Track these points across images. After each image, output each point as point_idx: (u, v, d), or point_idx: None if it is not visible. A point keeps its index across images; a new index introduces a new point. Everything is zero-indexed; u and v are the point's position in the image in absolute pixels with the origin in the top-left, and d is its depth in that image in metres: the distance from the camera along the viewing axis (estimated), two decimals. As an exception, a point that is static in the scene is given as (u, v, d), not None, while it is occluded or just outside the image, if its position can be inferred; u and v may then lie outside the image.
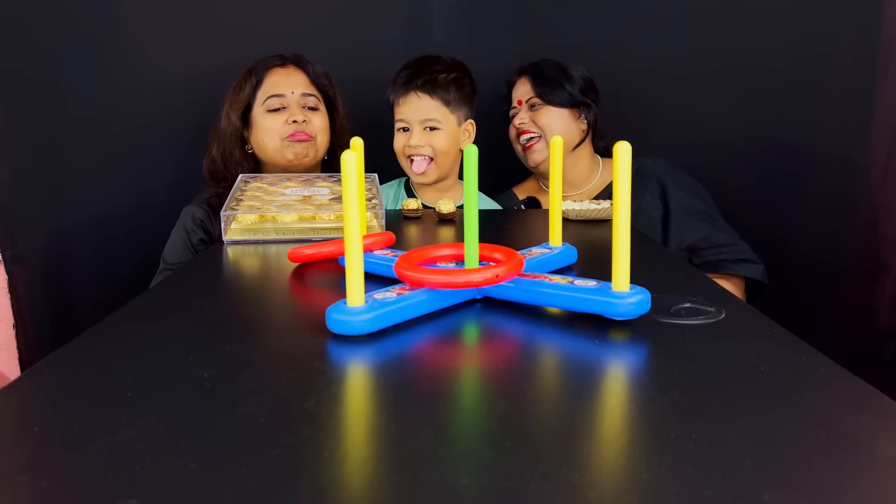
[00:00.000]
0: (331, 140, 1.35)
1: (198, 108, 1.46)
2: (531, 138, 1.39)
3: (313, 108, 1.31)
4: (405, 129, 1.30)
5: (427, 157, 1.29)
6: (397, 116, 1.31)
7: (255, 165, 1.34)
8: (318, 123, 1.30)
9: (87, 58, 1.46)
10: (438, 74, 1.28)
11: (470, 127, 1.33)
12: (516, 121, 1.40)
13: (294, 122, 1.26)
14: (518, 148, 1.42)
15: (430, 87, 1.27)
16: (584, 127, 1.41)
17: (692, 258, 1.32)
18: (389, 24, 1.52)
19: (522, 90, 1.41)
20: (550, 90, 1.38)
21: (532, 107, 1.39)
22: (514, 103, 1.43)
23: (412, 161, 1.30)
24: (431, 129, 1.28)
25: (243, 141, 1.32)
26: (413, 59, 1.33)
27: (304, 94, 1.30)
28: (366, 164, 0.80)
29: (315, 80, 1.33)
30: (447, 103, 1.28)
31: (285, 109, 1.28)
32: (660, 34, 1.52)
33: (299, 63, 1.32)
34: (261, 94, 1.29)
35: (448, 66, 1.31)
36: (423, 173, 1.30)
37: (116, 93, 1.47)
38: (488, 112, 1.45)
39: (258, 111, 1.29)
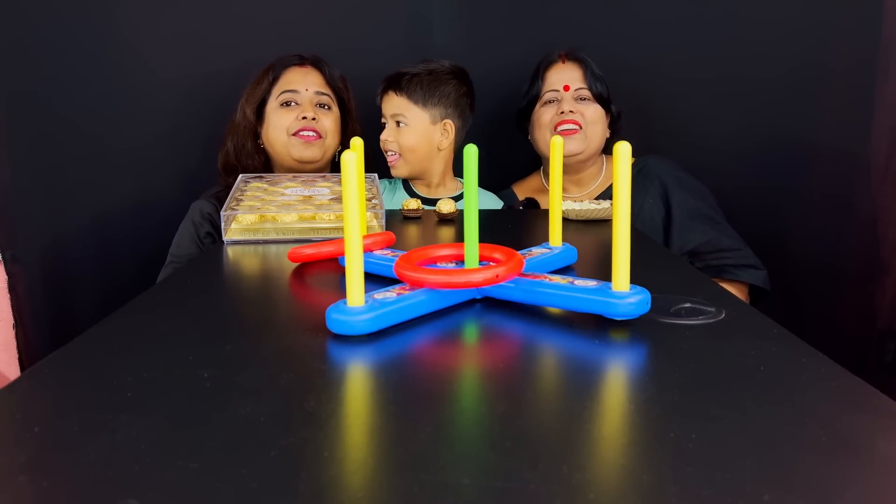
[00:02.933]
0: (342, 143, 1.37)
1: (199, 107, 1.47)
2: (574, 129, 1.33)
3: (326, 108, 1.33)
4: (385, 125, 1.35)
5: (396, 153, 1.33)
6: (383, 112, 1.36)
7: (266, 161, 1.35)
8: (329, 123, 1.32)
9: (89, 56, 1.46)
10: (408, 74, 1.31)
11: (448, 127, 1.33)
12: (565, 106, 1.33)
13: (304, 118, 1.28)
14: (545, 132, 1.36)
15: (397, 85, 1.31)
16: (608, 134, 1.40)
17: (694, 262, 1.30)
18: (389, 24, 1.52)
19: (571, 76, 1.36)
20: (602, 87, 1.36)
21: (579, 98, 1.35)
22: (558, 87, 1.35)
23: (386, 155, 1.35)
24: (399, 124, 1.32)
25: (256, 135, 1.34)
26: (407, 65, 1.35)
27: (318, 93, 1.32)
28: (366, 163, 0.80)
29: (330, 82, 1.35)
30: (414, 101, 1.31)
31: (297, 106, 1.30)
32: (660, 33, 1.52)
33: (316, 64, 1.35)
34: (275, 90, 1.31)
35: (432, 69, 1.32)
36: (392, 167, 1.35)
37: (117, 92, 1.47)
38: (489, 111, 1.45)
39: (272, 106, 1.31)
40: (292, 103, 1.30)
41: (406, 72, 1.32)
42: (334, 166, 1.38)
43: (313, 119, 1.29)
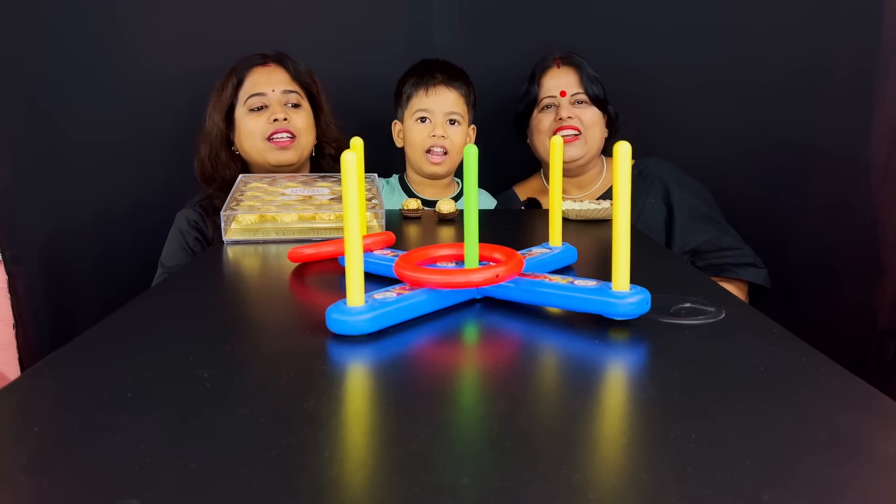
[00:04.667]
0: (317, 137, 1.34)
1: (198, 107, 1.46)
2: (574, 135, 1.34)
3: (295, 106, 1.29)
4: (424, 120, 1.32)
5: (443, 150, 1.32)
6: (419, 107, 1.32)
7: (243, 166, 1.33)
8: (301, 122, 1.29)
9: (88, 57, 1.46)
10: (462, 74, 1.33)
11: (472, 132, 1.37)
12: (563, 112, 1.34)
13: (275, 120, 1.25)
14: (543, 138, 1.37)
15: (458, 83, 1.32)
16: (606, 134, 1.41)
17: (695, 261, 1.31)
18: (389, 24, 1.52)
19: (567, 81, 1.36)
20: (599, 89, 1.36)
21: (577, 102, 1.35)
22: (555, 93, 1.36)
23: (430, 152, 1.32)
24: (452, 122, 1.31)
25: (229, 142, 1.31)
26: (431, 59, 1.35)
27: (286, 92, 1.28)
28: (365, 163, 0.80)
29: (297, 78, 1.31)
30: (467, 103, 1.33)
31: (267, 109, 1.27)
32: (660, 34, 1.52)
33: (280, 61, 1.31)
34: (242, 94, 1.28)
35: (462, 71, 1.35)
36: (438, 164, 1.33)
37: (116, 92, 1.47)
38: (489, 113, 1.45)
39: (240, 112, 1.28)
40: (262, 107, 1.27)
41: (459, 71, 1.32)
42: (313, 163, 1.36)
43: (285, 120, 1.25)
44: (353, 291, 0.55)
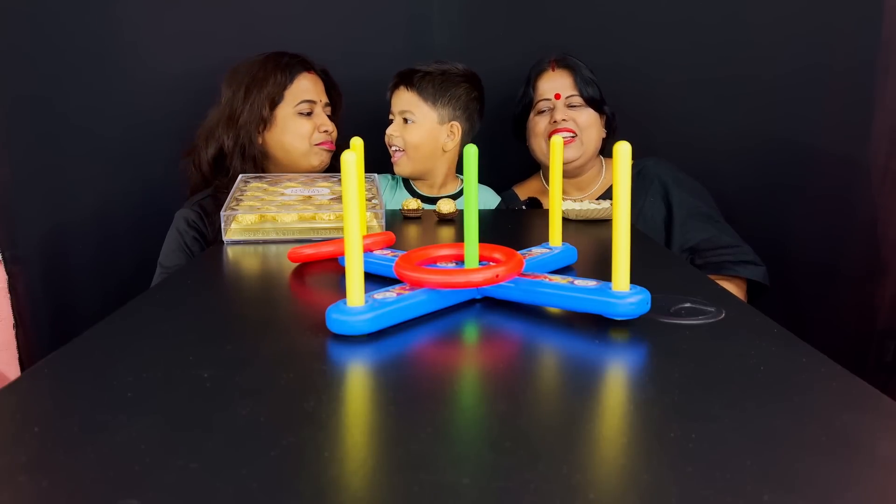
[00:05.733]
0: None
1: (199, 106, 1.46)
2: (570, 137, 1.34)
3: (332, 118, 1.35)
4: (391, 121, 1.35)
5: (400, 149, 1.33)
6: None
7: (264, 161, 1.34)
8: (336, 133, 1.35)
9: (88, 57, 1.46)
10: (421, 71, 1.32)
11: (455, 129, 1.33)
12: (557, 115, 1.34)
13: (325, 131, 1.31)
14: (540, 141, 1.38)
15: (408, 81, 1.31)
16: (604, 134, 1.41)
17: (694, 259, 1.32)
18: (389, 24, 1.52)
19: (561, 84, 1.37)
20: (594, 91, 1.36)
21: (571, 105, 1.36)
22: (549, 96, 1.36)
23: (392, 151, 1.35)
24: (406, 120, 1.32)
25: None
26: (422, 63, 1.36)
27: (327, 104, 1.34)
28: (365, 164, 0.80)
29: (328, 91, 1.36)
30: (424, 98, 1.31)
31: (312, 115, 1.31)
32: (660, 33, 1.51)
33: (319, 72, 1.35)
34: (291, 95, 1.30)
35: (446, 69, 1.32)
36: (395, 163, 1.35)
37: (116, 91, 1.47)
38: (489, 112, 1.45)
39: (287, 111, 1.30)
40: (310, 112, 1.31)
41: (419, 69, 1.32)
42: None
43: (333, 131, 1.32)
44: (353, 291, 0.55)
